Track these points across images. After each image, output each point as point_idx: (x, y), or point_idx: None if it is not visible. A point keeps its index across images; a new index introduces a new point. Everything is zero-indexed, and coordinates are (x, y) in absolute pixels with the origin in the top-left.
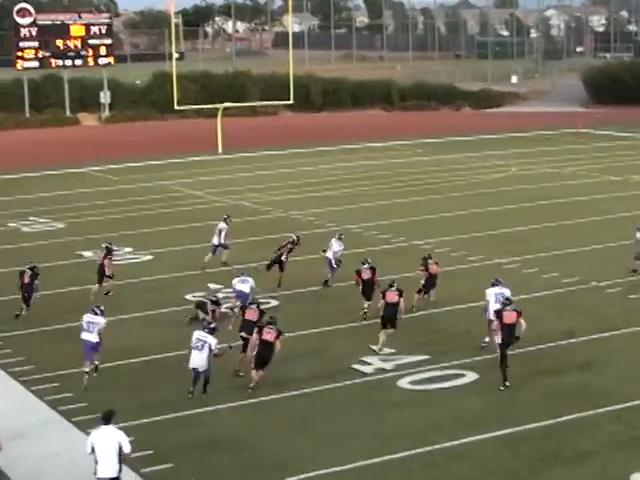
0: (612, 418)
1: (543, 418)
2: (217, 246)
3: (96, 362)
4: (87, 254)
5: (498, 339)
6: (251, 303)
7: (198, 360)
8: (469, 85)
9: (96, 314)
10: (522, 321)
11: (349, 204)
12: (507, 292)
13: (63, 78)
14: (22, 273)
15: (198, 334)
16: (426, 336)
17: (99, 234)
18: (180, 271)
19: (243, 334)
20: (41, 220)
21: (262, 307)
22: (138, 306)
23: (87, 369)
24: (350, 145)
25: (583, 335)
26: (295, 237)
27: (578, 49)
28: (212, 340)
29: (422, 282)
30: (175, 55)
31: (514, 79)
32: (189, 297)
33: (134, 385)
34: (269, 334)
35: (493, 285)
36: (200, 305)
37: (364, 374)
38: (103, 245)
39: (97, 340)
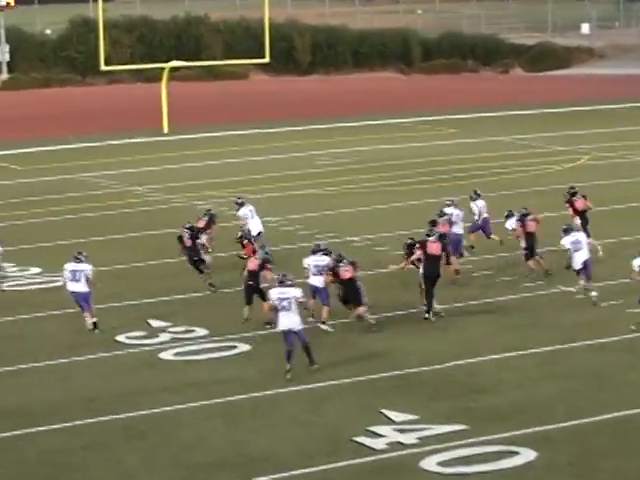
0: None
1: None
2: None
3: (94, 319)
4: None
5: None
6: (339, 261)
7: (289, 320)
8: (521, 37)
9: (80, 261)
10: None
11: (348, 207)
12: (583, 237)
13: None
14: (181, 237)
15: (278, 293)
16: (463, 396)
17: None
18: (111, 301)
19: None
20: None
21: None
22: (51, 352)
23: (89, 318)
24: (350, 122)
25: None
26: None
27: None
28: (296, 292)
29: (522, 245)
30: None
31: (585, 29)
32: (122, 339)
33: (51, 466)
34: (347, 272)
35: (566, 232)
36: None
37: (373, 450)
38: None
39: (87, 289)
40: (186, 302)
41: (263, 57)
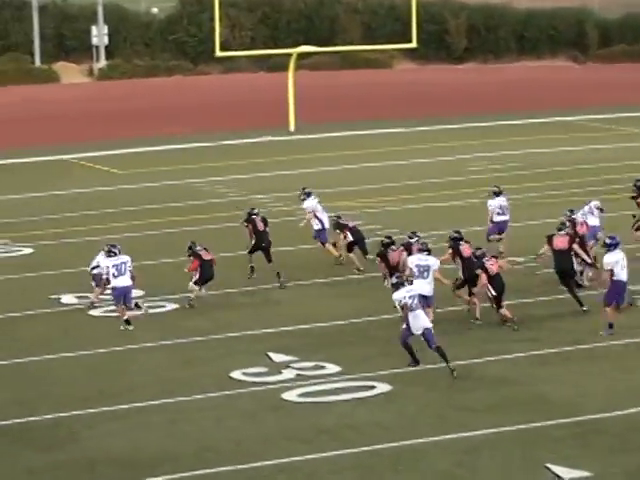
0: None
1: None
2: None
3: (126, 315)
4: (68, 299)
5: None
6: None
7: (422, 319)
8: None
9: (116, 254)
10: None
11: (514, 221)
12: None
13: (30, 3)
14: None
15: (406, 291)
16: None
17: (89, 265)
18: (222, 332)
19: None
20: None
21: None
22: (157, 389)
23: (140, 307)
24: (512, 120)
25: None
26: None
27: None
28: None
29: None
30: None
31: None
32: (238, 376)
33: None
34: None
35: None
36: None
37: None
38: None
39: (131, 282)
40: (313, 333)
41: (410, 42)
